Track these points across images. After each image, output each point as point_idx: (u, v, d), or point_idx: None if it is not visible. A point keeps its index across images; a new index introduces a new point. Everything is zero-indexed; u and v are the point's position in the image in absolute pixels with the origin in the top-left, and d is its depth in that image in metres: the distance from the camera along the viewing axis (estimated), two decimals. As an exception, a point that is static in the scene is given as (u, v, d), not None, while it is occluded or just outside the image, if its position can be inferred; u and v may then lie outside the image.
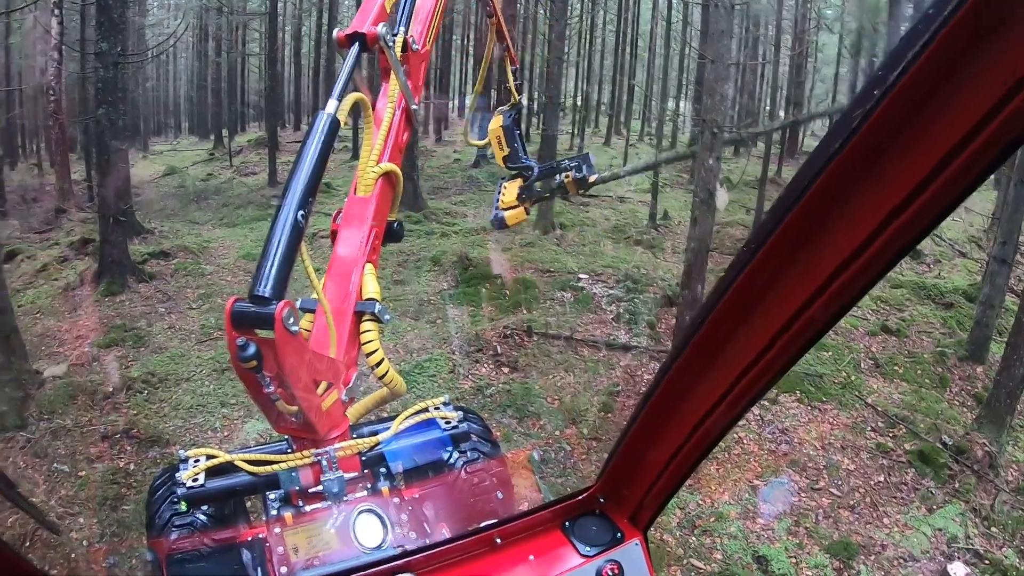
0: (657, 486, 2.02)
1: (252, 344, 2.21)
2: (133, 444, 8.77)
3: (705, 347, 1.54)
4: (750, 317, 1.41)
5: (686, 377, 1.65)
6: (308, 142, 2.52)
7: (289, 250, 2.32)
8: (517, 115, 5.01)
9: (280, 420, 2.74)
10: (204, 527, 2.97)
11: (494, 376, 10.14)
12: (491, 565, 2.16)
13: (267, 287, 2.23)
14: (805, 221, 1.18)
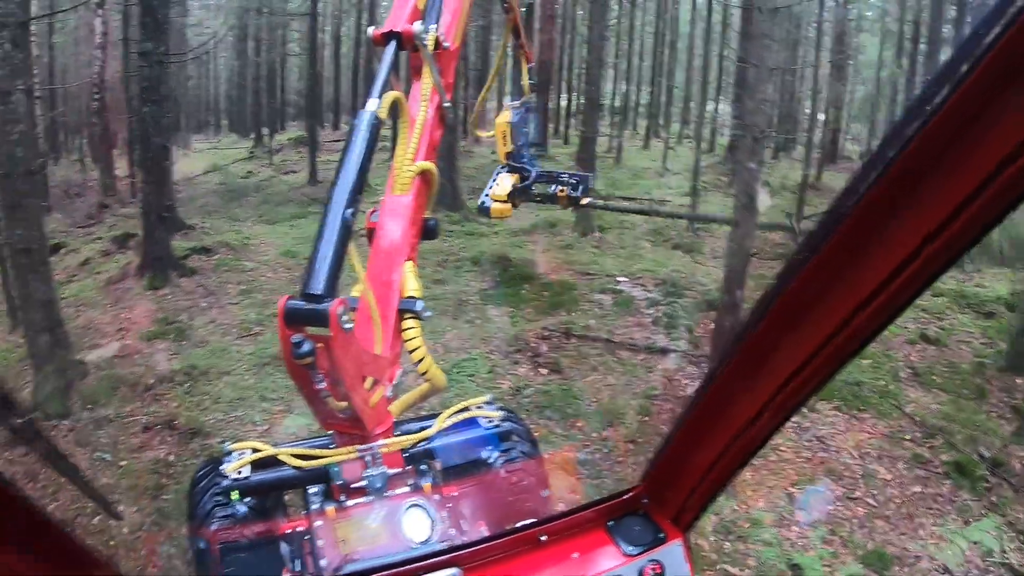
0: (700, 489, 2.04)
1: (307, 341, 2.24)
2: (174, 435, 8.85)
3: (751, 355, 1.57)
4: (796, 328, 1.42)
5: (732, 383, 1.68)
6: (352, 141, 2.53)
7: (339, 248, 2.35)
8: (527, 113, 4.97)
9: (327, 416, 2.78)
10: (246, 519, 2.98)
11: (532, 377, 10.10)
12: (536, 562, 2.18)
13: (320, 285, 2.25)
14: (853, 234, 1.20)
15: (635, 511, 2.28)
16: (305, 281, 2.26)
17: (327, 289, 2.25)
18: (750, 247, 10.26)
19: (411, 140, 3.13)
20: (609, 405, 9.57)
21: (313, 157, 22.46)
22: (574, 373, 10.17)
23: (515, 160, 4.64)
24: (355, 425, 2.84)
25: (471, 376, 9.90)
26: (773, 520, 7.66)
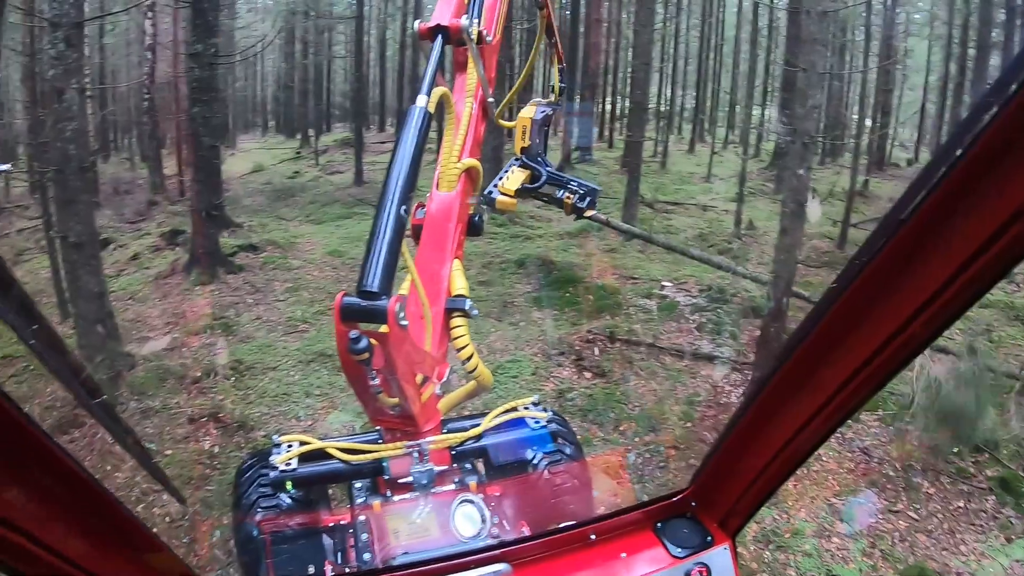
0: (749, 494, 2.06)
1: (364, 337, 2.26)
2: (219, 427, 8.97)
3: (803, 362, 1.58)
4: (848, 336, 1.43)
5: (783, 390, 1.70)
6: (403, 137, 2.52)
7: (393, 245, 2.33)
8: (552, 113, 4.80)
9: (378, 412, 2.84)
10: (290, 510, 3.04)
11: (576, 380, 10.05)
12: (584, 560, 2.21)
13: (375, 282, 2.24)
14: (909, 243, 1.20)
15: (683, 514, 2.31)
16: (361, 278, 2.26)
17: (383, 286, 2.25)
18: (797, 255, 10.10)
19: (457, 137, 3.16)
20: (653, 410, 9.49)
21: (359, 158, 22.66)
22: (618, 377, 10.10)
23: (530, 157, 4.54)
24: (406, 421, 2.89)
25: (515, 378, 9.88)
26: (814, 531, 7.53)
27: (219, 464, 8.35)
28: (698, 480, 2.24)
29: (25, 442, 1.17)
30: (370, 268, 2.24)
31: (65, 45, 8.68)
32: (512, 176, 4.43)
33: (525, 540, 2.38)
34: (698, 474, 2.24)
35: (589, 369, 10.22)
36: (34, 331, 1.60)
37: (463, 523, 2.87)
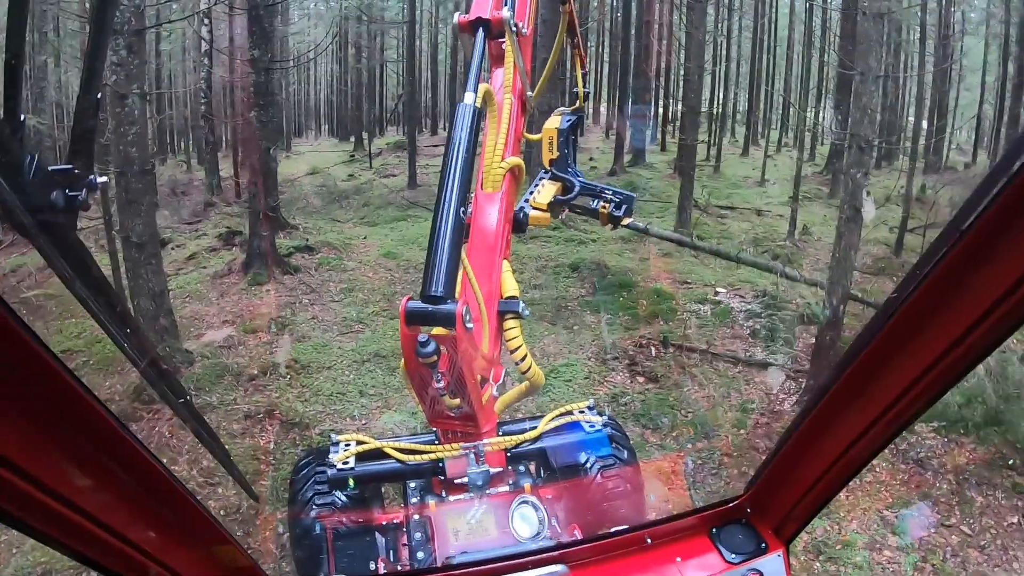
0: (804, 502, 2.05)
1: (433, 341, 2.30)
2: (274, 424, 9.12)
3: (862, 371, 1.57)
4: (907, 347, 1.43)
5: (842, 399, 1.68)
6: (455, 136, 2.51)
7: (454, 248, 2.36)
8: (578, 121, 4.70)
9: (437, 415, 2.89)
10: (344, 508, 3.11)
11: (629, 385, 10.00)
12: (640, 564, 2.22)
13: (440, 286, 2.28)
14: (975, 248, 1.18)
15: (738, 520, 2.31)
16: (425, 283, 2.29)
17: (448, 290, 2.28)
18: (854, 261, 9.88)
19: (499, 137, 3.17)
20: (705, 417, 9.42)
21: (413, 161, 22.86)
22: (670, 383, 10.02)
23: (560, 169, 4.37)
24: (465, 423, 2.95)
25: (568, 381, 9.87)
26: (865, 543, 7.40)
27: (274, 460, 8.49)
28: (754, 486, 2.25)
29: (102, 432, 1.20)
30: (434, 273, 2.29)
31: (127, 52, 8.94)
32: (543, 190, 4.34)
33: (582, 542, 2.43)
34: (754, 480, 2.24)
35: (643, 374, 10.16)
36: (126, 333, 1.63)
37: (521, 524, 2.92)
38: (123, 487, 1.30)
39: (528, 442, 3.32)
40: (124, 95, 8.96)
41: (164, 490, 1.45)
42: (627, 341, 10.83)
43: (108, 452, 1.23)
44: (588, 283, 12.89)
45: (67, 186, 1.29)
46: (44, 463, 1.06)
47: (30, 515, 1.09)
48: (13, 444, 0.98)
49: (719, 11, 30.41)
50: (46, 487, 1.07)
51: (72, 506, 1.14)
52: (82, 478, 1.18)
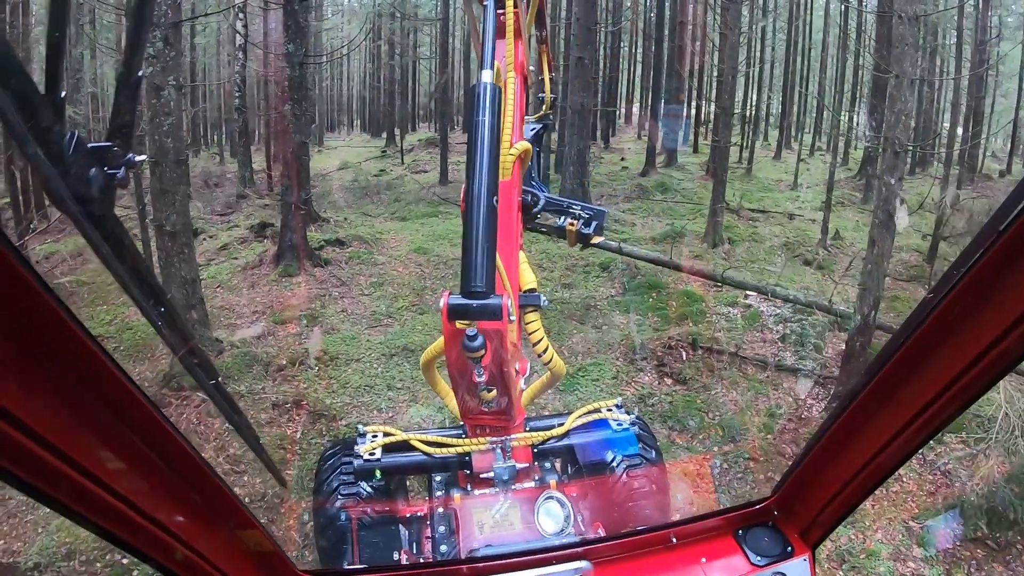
0: (832, 506, 2.04)
1: (480, 335, 2.27)
2: (301, 414, 9.20)
3: (893, 377, 1.55)
4: (938, 353, 1.41)
5: (872, 404, 1.67)
6: (477, 120, 2.43)
7: (491, 239, 2.34)
8: (543, 130, 4.43)
9: (472, 410, 2.88)
10: (369, 499, 3.13)
11: (657, 386, 9.95)
12: (665, 563, 2.22)
13: (481, 280, 2.26)
14: (1002, 260, 1.17)
15: (765, 522, 2.30)
16: (466, 277, 2.27)
17: (489, 284, 2.27)
18: (886, 268, 9.74)
19: (506, 123, 3.03)
20: (732, 420, 9.36)
21: (444, 157, 22.94)
22: (698, 385, 9.97)
23: (523, 182, 4.25)
24: (499, 417, 2.95)
25: (596, 381, 9.84)
26: (889, 553, 7.33)
27: (300, 450, 8.57)
28: (781, 489, 2.23)
29: (135, 413, 1.22)
30: (473, 266, 2.27)
31: (163, 44, 9.08)
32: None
33: (606, 539, 2.41)
34: (782, 483, 2.23)
35: (671, 375, 10.12)
36: (161, 312, 1.64)
37: (546, 520, 2.90)
38: (153, 468, 1.32)
39: (555, 438, 3.31)
40: (160, 87, 9.09)
41: (194, 473, 1.46)
42: (656, 342, 10.77)
43: (140, 433, 1.25)
44: (618, 283, 12.85)
45: (106, 163, 1.29)
46: (75, 441, 1.09)
47: (60, 492, 1.09)
48: (45, 422, 0.99)
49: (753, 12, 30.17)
50: (77, 464, 1.08)
51: (102, 484, 1.15)
52: (113, 458, 1.19)
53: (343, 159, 27.36)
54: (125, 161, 1.34)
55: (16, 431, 0.94)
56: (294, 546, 6.89)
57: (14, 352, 0.93)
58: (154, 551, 1.40)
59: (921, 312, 1.37)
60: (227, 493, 1.61)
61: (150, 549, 1.38)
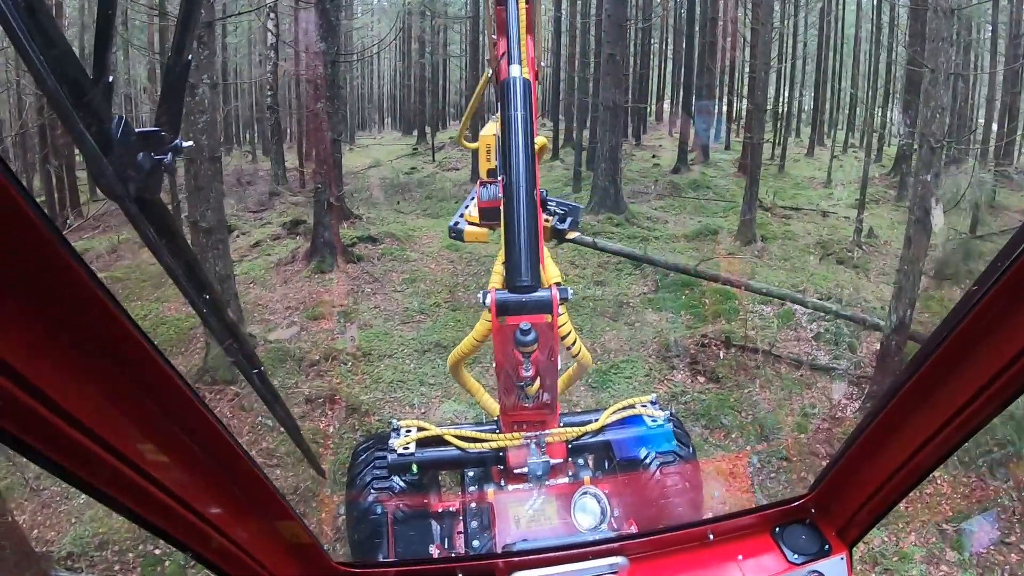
0: (869, 505, 2.01)
1: (534, 330, 2.28)
2: (334, 409, 9.31)
3: (932, 375, 1.53)
4: (978, 350, 1.38)
5: (911, 403, 1.65)
6: (512, 115, 2.44)
7: (534, 232, 2.36)
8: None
9: (513, 406, 2.88)
10: (402, 493, 3.11)
11: (689, 384, 9.93)
12: (701, 560, 2.20)
13: (528, 275, 2.29)
14: None
15: (802, 520, 2.27)
16: (512, 273, 2.29)
17: (536, 278, 2.29)
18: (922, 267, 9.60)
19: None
20: (765, 419, 9.32)
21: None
22: (731, 383, 9.91)
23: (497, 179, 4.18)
24: (541, 411, 2.93)
25: (628, 378, 9.83)
26: (922, 556, 7.29)
27: (332, 444, 8.66)
28: (819, 487, 2.20)
29: (177, 402, 1.22)
30: (520, 261, 2.30)
31: (197, 43, 9.18)
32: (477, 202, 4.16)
33: (643, 535, 2.40)
34: (819, 481, 2.20)
35: (704, 373, 10.07)
36: (206, 300, 1.66)
37: (582, 515, 2.91)
38: (193, 457, 1.33)
39: (590, 434, 3.28)
40: (194, 85, 9.23)
41: (234, 464, 1.47)
42: (689, 340, 10.74)
43: (181, 422, 1.26)
44: (651, 281, 12.80)
45: (153, 148, 1.31)
46: (117, 429, 1.09)
47: (100, 480, 1.10)
48: (88, 410, 1.00)
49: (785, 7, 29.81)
50: (118, 452, 1.09)
51: (142, 473, 1.16)
52: (154, 446, 1.20)
53: (374, 157, 27.50)
54: (172, 147, 1.36)
55: (58, 418, 0.95)
56: (327, 539, 6.95)
57: (65, 343, 0.95)
58: (192, 540, 1.41)
59: (960, 311, 1.35)
60: (267, 485, 1.62)
61: (188, 538, 1.39)
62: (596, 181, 17.57)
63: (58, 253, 0.86)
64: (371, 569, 2.23)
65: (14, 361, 0.85)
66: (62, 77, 1.02)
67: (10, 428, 0.90)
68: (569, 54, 26.52)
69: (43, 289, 0.89)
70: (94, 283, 0.93)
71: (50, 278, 0.88)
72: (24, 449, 0.94)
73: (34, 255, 0.85)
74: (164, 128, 1.37)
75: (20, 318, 0.87)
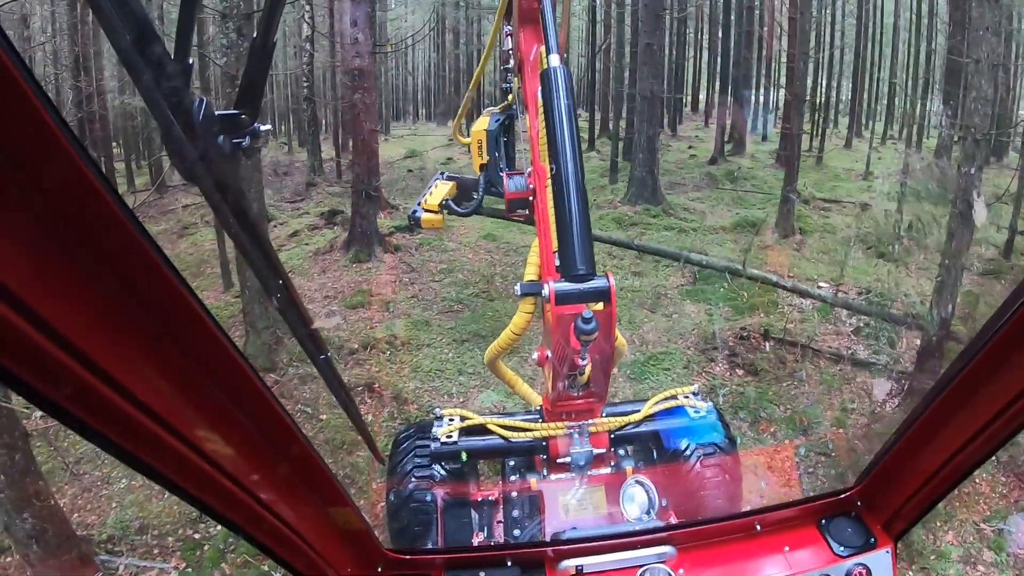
0: (916, 499, 2.01)
1: (595, 318, 2.27)
2: (373, 397, 9.39)
3: (981, 370, 1.52)
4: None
5: (959, 397, 1.64)
6: (556, 104, 2.45)
7: (587, 222, 2.37)
8: (509, 121, 4.43)
9: (562, 395, 2.89)
10: (444, 481, 3.14)
11: (728, 376, 9.88)
12: (748, 550, 2.22)
13: (584, 263, 2.31)
14: None
15: (847, 512, 2.28)
16: (567, 262, 2.31)
17: (591, 266, 2.31)
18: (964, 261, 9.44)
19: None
20: (804, 413, 9.25)
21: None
22: (770, 377, 9.83)
23: (491, 173, 4.22)
24: (590, 400, 2.97)
25: (667, 370, 9.81)
26: (960, 555, 7.20)
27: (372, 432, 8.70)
28: (866, 480, 2.20)
29: (239, 383, 1.23)
30: (575, 250, 2.32)
31: (236, 35, 9.33)
32: (436, 191, 4.17)
33: (690, 524, 2.42)
34: (866, 474, 2.20)
35: (742, 366, 10.01)
36: (279, 284, 1.68)
37: (630, 504, 2.91)
38: (251, 439, 1.34)
39: (633, 424, 3.30)
40: (234, 76, 9.33)
41: (292, 447, 1.50)
42: (727, 332, 10.69)
43: (243, 404, 1.27)
44: (688, 272, 12.72)
45: (233, 131, 1.34)
46: (180, 410, 1.10)
47: (157, 458, 1.10)
48: (145, 386, 1.00)
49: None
50: (181, 434, 1.10)
51: (201, 453, 1.17)
52: (214, 426, 1.21)
53: (409, 148, 27.51)
54: (251, 130, 1.39)
55: (117, 395, 0.95)
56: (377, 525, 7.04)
57: (131, 324, 0.96)
58: (244, 520, 1.42)
59: (1009, 306, 1.34)
60: (323, 469, 1.65)
61: (240, 519, 1.40)
62: (633, 172, 17.49)
63: (134, 238, 0.88)
64: (420, 556, 2.27)
65: (88, 348, 0.87)
66: (147, 59, 1.04)
67: (73, 409, 0.91)
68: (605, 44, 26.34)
69: (120, 273, 0.91)
70: (167, 267, 0.95)
71: (126, 262, 0.90)
72: (86, 430, 0.96)
73: (111, 240, 0.87)
74: (244, 111, 1.40)
75: (96, 305, 0.89)
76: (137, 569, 6.93)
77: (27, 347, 0.79)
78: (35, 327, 0.78)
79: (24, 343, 0.78)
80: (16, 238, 0.75)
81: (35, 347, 0.79)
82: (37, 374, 0.83)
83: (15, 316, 0.75)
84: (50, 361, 0.82)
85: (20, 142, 0.71)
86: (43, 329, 0.79)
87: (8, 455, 6.16)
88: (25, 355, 0.80)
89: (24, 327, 0.77)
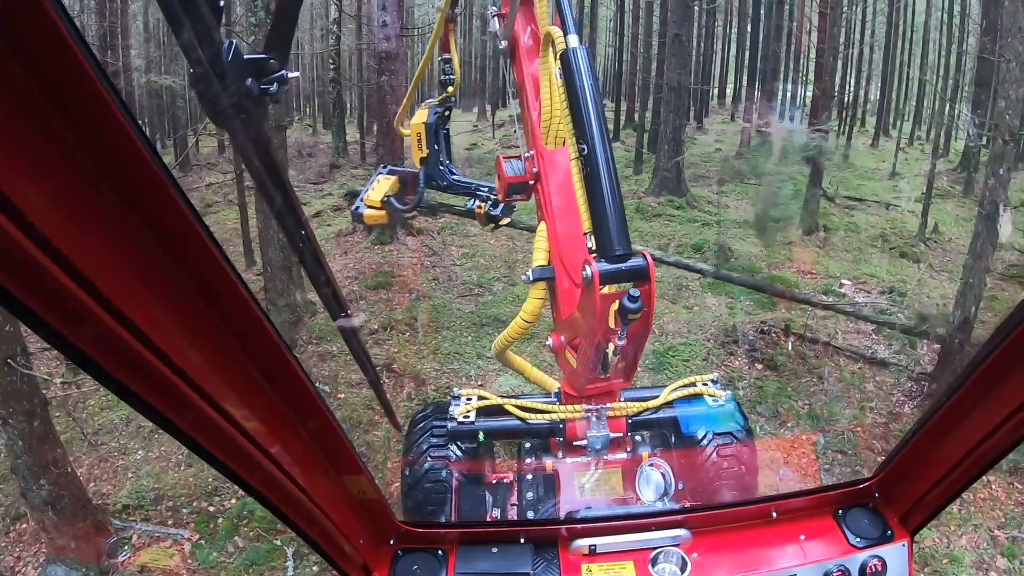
0: (934, 492, 2.00)
1: (640, 299, 2.25)
2: (391, 377, 9.43)
3: (999, 365, 1.52)
4: None
5: (979, 391, 1.63)
6: (579, 84, 2.41)
7: (620, 202, 2.33)
8: (447, 111, 4.31)
9: (590, 379, 2.85)
10: (459, 461, 3.12)
11: (747, 370, 9.86)
12: (763, 537, 2.21)
13: (621, 244, 2.28)
14: None
15: (864, 503, 2.27)
16: (605, 243, 2.29)
17: (628, 245, 2.29)
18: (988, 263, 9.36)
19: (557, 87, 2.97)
20: (822, 410, 9.24)
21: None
22: (789, 372, 9.80)
23: (431, 166, 4.09)
24: (614, 382, 2.93)
25: (686, 361, 9.81)
26: (972, 561, 7.16)
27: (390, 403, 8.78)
28: (884, 471, 2.19)
29: (268, 352, 1.25)
30: (611, 231, 2.30)
31: (264, 14, 9.33)
32: (377, 186, 4.09)
33: (706, 508, 2.44)
34: (885, 465, 2.18)
35: (762, 361, 9.99)
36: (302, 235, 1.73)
37: (646, 487, 2.91)
38: (273, 404, 1.37)
39: (651, 410, 3.23)
40: (273, 57, 9.34)
41: (313, 414, 1.51)
42: (747, 326, 10.65)
43: (267, 369, 1.28)
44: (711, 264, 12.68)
45: (261, 75, 1.33)
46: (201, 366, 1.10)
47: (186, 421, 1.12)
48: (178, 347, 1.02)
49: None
50: (198, 387, 1.10)
51: (229, 419, 1.19)
52: (236, 389, 1.22)
53: (435, 132, 27.56)
54: (278, 76, 1.38)
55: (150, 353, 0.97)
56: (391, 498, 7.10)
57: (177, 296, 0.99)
58: (264, 486, 1.43)
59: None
60: (343, 439, 1.66)
61: (260, 484, 1.41)
62: (658, 163, 17.44)
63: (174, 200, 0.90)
64: (434, 530, 2.28)
65: (135, 316, 0.90)
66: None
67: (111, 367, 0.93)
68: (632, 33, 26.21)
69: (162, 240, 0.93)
70: (203, 231, 0.97)
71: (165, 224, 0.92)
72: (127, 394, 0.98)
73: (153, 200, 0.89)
74: (273, 55, 1.39)
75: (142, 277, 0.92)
76: (152, 537, 7.04)
77: (64, 295, 0.81)
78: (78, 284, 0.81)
79: (66, 298, 0.81)
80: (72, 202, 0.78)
81: (73, 298, 0.82)
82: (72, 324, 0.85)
83: (57, 270, 0.78)
84: (84, 311, 0.84)
85: (61, 81, 0.73)
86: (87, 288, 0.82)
87: (27, 421, 6.23)
88: (60, 303, 0.82)
89: (67, 283, 0.79)
